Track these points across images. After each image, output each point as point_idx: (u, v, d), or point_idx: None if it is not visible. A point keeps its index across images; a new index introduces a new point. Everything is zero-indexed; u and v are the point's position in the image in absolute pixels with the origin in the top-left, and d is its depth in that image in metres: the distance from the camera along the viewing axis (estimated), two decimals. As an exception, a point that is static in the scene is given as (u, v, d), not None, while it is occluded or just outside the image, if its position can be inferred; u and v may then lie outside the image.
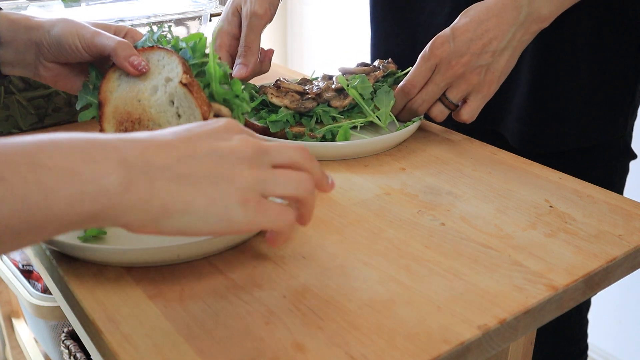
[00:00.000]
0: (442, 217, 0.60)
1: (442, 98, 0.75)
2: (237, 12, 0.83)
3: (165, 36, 0.65)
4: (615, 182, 0.91)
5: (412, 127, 0.76)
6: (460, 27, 0.71)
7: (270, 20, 0.84)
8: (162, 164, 0.40)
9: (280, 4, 0.87)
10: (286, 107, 0.77)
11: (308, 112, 0.77)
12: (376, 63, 0.83)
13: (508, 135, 0.89)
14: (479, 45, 0.70)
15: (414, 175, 0.69)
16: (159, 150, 0.41)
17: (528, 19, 0.70)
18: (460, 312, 0.47)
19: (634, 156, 0.92)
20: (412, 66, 0.76)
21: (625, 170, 0.93)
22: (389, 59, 0.85)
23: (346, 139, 0.74)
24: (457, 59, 0.71)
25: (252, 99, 0.78)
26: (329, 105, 0.78)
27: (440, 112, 0.76)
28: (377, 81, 0.80)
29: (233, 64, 0.83)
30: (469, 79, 0.72)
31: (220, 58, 0.68)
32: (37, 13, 0.88)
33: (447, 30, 0.72)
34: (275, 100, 0.77)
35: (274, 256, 0.54)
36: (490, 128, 0.90)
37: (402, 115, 0.79)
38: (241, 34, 0.82)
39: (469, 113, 0.74)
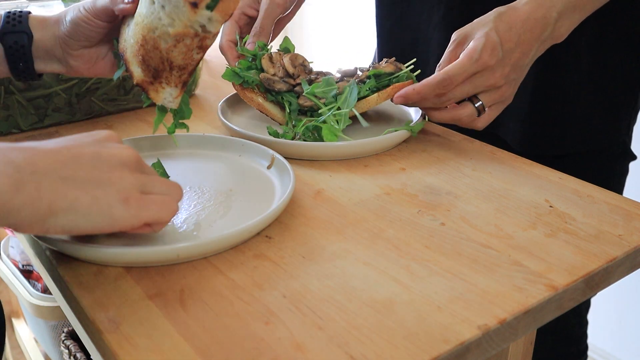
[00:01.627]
0: (442, 217, 0.60)
1: (474, 99, 0.73)
2: None
3: None
4: (614, 183, 0.91)
5: (417, 126, 0.76)
6: (504, 35, 0.70)
7: (286, 10, 0.89)
8: (49, 167, 0.44)
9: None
10: (265, 76, 0.80)
11: (274, 90, 0.79)
12: (383, 63, 0.82)
13: (508, 137, 0.89)
14: (516, 58, 0.70)
15: (414, 175, 0.69)
16: (46, 155, 0.45)
17: (549, 37, 0.71)
18: (460, 312, 0.47)
19: (634, 157, 0.92)
20: (412, 63, 0.76)
21: (625, 171, 0.93)
22: (393, 58, 0.84)
23: (332, 139, 0.73)
24: (502, 69, 0.70)
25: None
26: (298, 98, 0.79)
27: (469, 114, 0.73)
28: (361, 82, 0.79)
29: (234, 30, 0.88)
30: (504, 91, 0.72)
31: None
32: (37, 13, 0.88)
33: (493, 34, 0.69)
34: (263, 62, 0.81)
35: (274, 256, 0.54)
36: (489, 131, 0.90)
37: (420, 105, 0.75)
38: (257, 17, 0.87)
39: (485, 122, 0.74)
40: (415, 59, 0.82)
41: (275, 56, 0.83)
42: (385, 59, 0.83)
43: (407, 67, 0.81)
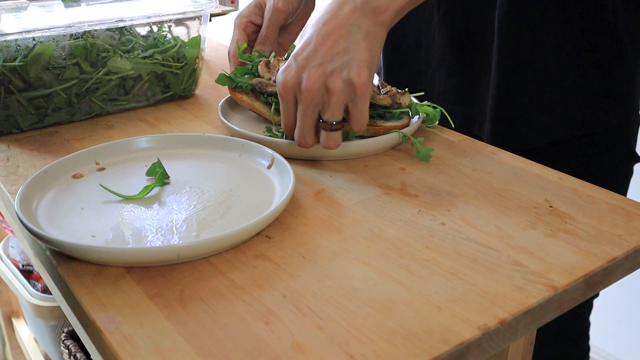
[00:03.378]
0: (442, 217, 0.60)
1: (321, 124, 0.66)
2: (260, 5, 0.90)
3: None
4: (618, 184, 0.91)
5: (412, 127, 0.76)
6: (297, 50, 0.66)
7: (290, 17, 0.90)
8: None
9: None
10: (257, 80, 0.81)
11: (265, 93, 0.80)
12: (387, 88, 0.80)
13: (485, 137, 0.89)
14: (323, 53, 0.64)
15: (414, 175, 0.69)
16: None
17: (365, 8, 0.65)
18: (460, 312, 0.47)
19: (638, 159, 0.92)
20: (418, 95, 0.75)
21: (629, 173, 0.93)
22: (395, 88, 0.81)
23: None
24: (307, 78, 0.63)
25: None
26: None
27: (327, 139, 0.66)
28: None
29: (243, 38, 0.89)
30: (332, 89, 0.63)
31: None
32: (37, 13, 0.88)
33: (289, 59, 0.66)
34: (260, 68, 0.82)
35: (274, 256, 0.54)
36: (478, 134, 0.90)
37: (301, 153, 0.71)
38: (262, 25, 0.89)
39: (357, 122, 0.66)
40: (422, 92, 0.82)
41: (273, 62, 0.83)
42: (388, 87, 0.80)
43: (413, 95, 0.81)
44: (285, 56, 0.87)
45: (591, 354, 1.64)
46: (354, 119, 0.66)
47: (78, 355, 1.11)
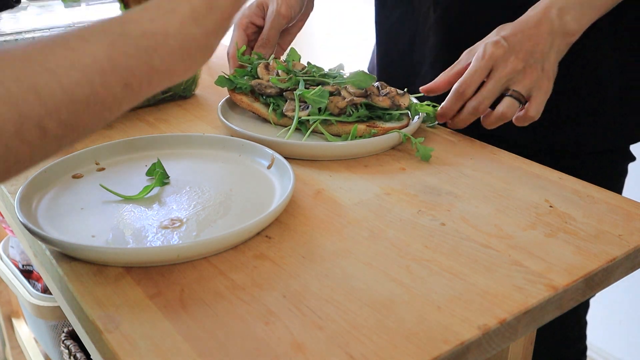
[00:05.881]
0: (442, 217, 0.60)
1: (510, 92, 0.74)
2: (262, 7, 0.91)
3: None
4: (613, 183, 0.91)
5: (412, 127, 0.76)
6: (507, 34, 0.73)
7: (292, 20, 0.92)
8: None
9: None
10: (256, 81, 0.81)
11: (264, 94, 0.80)
12: (387, 89, 0.80)
13: (515, 131, 0.88)
14: (528, 46, 0.72)
15: (414, 175, 0.69)
16: None
17: (560, 32, 0.73)
18: (460, 312, 0.47)
19: (633, 158, 0.92)
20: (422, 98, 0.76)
21: (624, 172, 0.93)
22: (395, 90, 0.81)
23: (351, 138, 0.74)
24: (515, 55, 0.72)
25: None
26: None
27: (509, 106, 0.74)
28: (354, 105, 0.76)
29: (243, 39, 0.90)
30: (529, 74, 0.72)
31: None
32: (37, 13, 0.88)
33: (493, 36, 0.74)
34: (259, 70, 0.83)
35: (274, 256, 0.54)
36: (489, 133, 0.90)
37: (460, 119, 0.77)
38: (264, 27, 0.90)
39: (535, 108, 0.74)
40: (422, 94, 0.83)
41: (273, 64, 0.84)
42: (388, 88, 0.80)
43: (413, 94, 0.81)
44: (284, 58, 0.87)
45: (591, 354, 1.64)
46: (533, 104, 0.74)
47: (78, 355, 1.11)
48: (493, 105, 0.75)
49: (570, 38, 0.74)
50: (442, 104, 0.77)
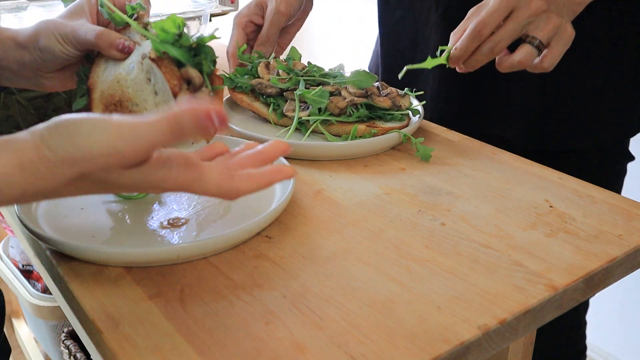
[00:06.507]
0: (442, 217, 0.60)
1: (529, 38, 0.69)
2: (261, 6, 0.91)
3: (140, 5, 0.63)
4: (612, 183, 0.91)
5: (413, 127, 0.76)
6: None
7: (291, 19, 0.91)
8: None
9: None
10: (257, 80, 0.81)
11: (264, 94, 0.80)
12: (387, 89, 0.80)
13: (510, 132, 0.88)
14: None
15: (414, 175, 0.69)
16: None
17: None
18: (460, 312, 0.47)
19: (632, 158, 0.92)
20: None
21: (623, 172, 0.93)
22: (396, 90, 0.80)
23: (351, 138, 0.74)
24: (535, 2, 0.68)
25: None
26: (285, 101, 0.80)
27: (528, 53, 0.69)
28: (354, 105, 0.76)
29: (242, 38, 0.90)
30: (551, 19, 0.68)
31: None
32: (37, 13, 0.88)
33: None
34: (259, 69, 0.83)
35: (274, 256, 0.54)
36: (490, 132, 0.90)
37: (474, 59, 0.72)
38: (263, 26, 0.90)
39: (551, 61, 0.70)
40: (422, 92, 0.82)
41: (273, 63, 0.84)
42: (389, 89, 0.80)
43: (413, 93, 0.80)
44: (284, 57, 0.87)
45: (591, 354, 1.64)
46: (550, 55, 0.70)
47: (78, 355, 1.11)
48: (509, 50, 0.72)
49: (576, 7, 0.72)
50: (457, 44, 0.71)
